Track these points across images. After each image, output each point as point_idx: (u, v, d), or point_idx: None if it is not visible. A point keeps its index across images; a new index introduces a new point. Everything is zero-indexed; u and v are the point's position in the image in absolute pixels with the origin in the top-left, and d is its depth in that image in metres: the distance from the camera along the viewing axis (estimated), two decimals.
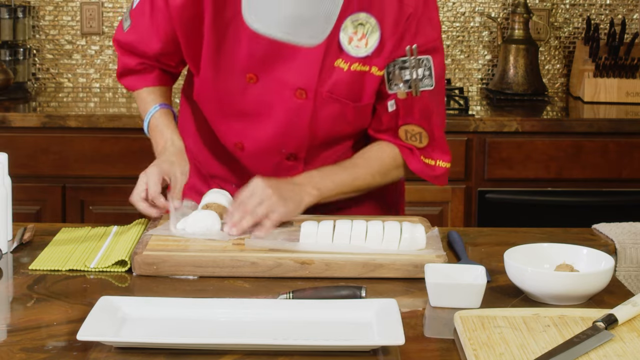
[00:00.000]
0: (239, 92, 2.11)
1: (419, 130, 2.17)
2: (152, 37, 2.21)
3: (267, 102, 2.11)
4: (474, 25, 4.14)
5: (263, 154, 2.16)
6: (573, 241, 2.01)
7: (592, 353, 1.52)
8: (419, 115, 2.16)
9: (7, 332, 1.63)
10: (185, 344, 1.54)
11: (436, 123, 2.18)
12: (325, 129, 2.14)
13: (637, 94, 3.88)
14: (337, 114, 2.12)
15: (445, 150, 2.22)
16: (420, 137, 2.17)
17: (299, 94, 2.08)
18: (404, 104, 2.14)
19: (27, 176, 3.52)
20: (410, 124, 2.16)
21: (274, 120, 2.12)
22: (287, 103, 2.10)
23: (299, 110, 2.10)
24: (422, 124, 2.16)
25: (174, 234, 1.99)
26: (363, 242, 1.92)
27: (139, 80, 2.30)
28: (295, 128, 2.12)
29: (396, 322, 1.57)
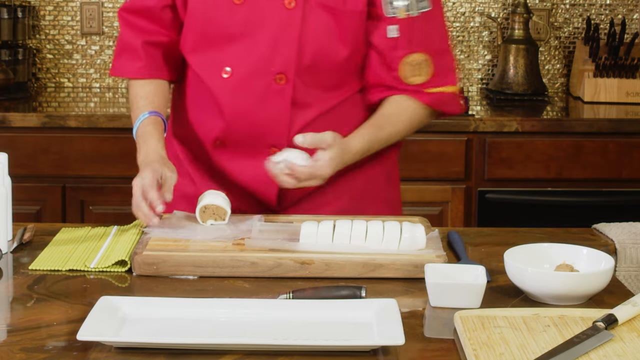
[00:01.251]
0: (226, 14, 2.13)
1: (423, 58, 2.14)
2: None
3: (256, 18, 2.12)
4: (474, 25, 4.14)
5: (252, 77, 2.14)
6: (573, 241, 2.01)
7: (592, 353, 1.52)
8: (422, 40, 2.13)
9: (7, 332, 1.63)
10: (185, 344, 1.54)
11: (440, 48, 2.16)
12: (315, 44, 2.12)
13: (637, 94, 3.88)
14: (326, 26, 2.11)
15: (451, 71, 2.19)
16: (424, 67, 2.14)
17: (288, 3, 2.09)
18: (407, 28, 2.11)
19: (27, 176, 3.52)
20: (413, 54, 2.13)
21: (263, 36, 2.12)
22: (277, 14, 2.10)
23: (288, 20, 2.10)
24: (426, 49, 2.14)
25: (174, 236, 1.99)
26: (363, 242, 1.92)
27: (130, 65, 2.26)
28: (284, 41, 2.11)
29: (396, 322, 1.57)
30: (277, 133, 2.16)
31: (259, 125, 2.16)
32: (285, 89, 2.14)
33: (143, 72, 2.26)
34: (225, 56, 2.16)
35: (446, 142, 3.56)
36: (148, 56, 2.26)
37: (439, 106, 2.21)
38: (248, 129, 2.17)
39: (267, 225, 2.04)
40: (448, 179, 3.58)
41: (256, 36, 2.13)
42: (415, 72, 2.15)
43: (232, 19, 2.13)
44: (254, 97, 2.15)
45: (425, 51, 2.15)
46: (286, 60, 2.12)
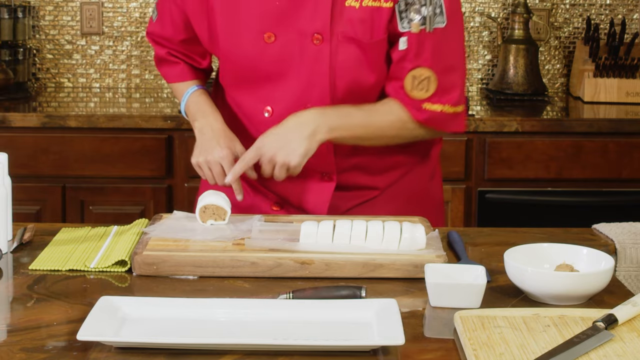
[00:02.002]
0: (259, 53, 2.14)
1: (428, 75, 2.13)
2: (169, 23, 2.29)
3: (288, 56, 2.13)
4: (474, 25, 4.14)
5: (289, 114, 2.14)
6: (573, 241, 2.01)
7: (592, 353, 1.52)
8: (430, 55, 2.13)
9: (7, 332, 1.63)
10: (185, 344, 1.54)
11: (449, 66, 2.16)
12: (345, 75, 2.13)
13: (637, 94, 3.88)
14: (355, 57, 2.12)
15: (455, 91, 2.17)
16: (427, 83, 2.14)
17: (316, 39, 2.10)
18: (416, 42, 2.11)
19: (27, 176, 3.52)
20: (420, 68, 2.13)
21: (296, 73, 2.13)
22: (306, 51, 2.11)
23: (317, 56, 2.11)
24: (432, 65, 2.13)
25: (177, 237, 1.99)
26: (363, 242, 1.93)
27: (171, 72, 2.36)
28: (316, 76, 2.12)
29: (396, 322, 1.57)
30: (325, 164, 2.20)
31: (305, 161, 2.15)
32: None
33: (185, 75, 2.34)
34: (264, 95, 2.18)
35: (446, 142, 3.56)
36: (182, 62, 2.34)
37: (434, 124, 2.19)
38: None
39: (267, 225, 2.04)
40: (448, 179, 3.58)
41: (290, 73, 2.14)
42: (419, 86, 2.15)
43: (266, 57, 2.14)
44: None
45: (432, 67, 2.14)
46: (321, 94, 2.14)
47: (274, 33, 2.12)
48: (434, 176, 2.39)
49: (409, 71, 2.14)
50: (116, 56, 4.12)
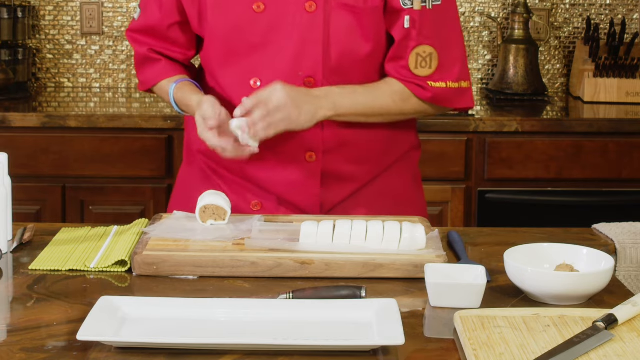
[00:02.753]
0: (249, 24, 2.13)
1: (430, 52, 2.15)
2: (157, 9, 2.24)
3: (278, 26, 2.12)
4: (474, 25, 4.14)
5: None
6: (573, 241, 2.01)
7: (592, 353, 1.52)
8: (431, 32, 2.15)
9: (7, 332, 1.63)
10: (185, 344, 1.54)
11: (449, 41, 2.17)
12: (339, 44, 2.13)
13: (637, 94, 3.88)
14: (348, 25, 2.12)
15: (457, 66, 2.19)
16: (430, 60, 2.15)
17: (309, 6, 2.10)
18: (419, 20, 2.13)
19: (27, 176, 3.52)
20: (422, 45, 2.14)
21: (287, 42, 2.12)
22: (298, 19, 2.11)
23: (310, 23, 2.11)
24: (434, 42, 2.15)
25: (176, 237, 1.99)
26: (363, 242, 1.93)
27: (153, 72, 2.29)
28: (309, 44, 2.12)
29: (396, 322, 1.57)
30: (312, 137, 2.17)
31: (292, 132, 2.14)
32: None
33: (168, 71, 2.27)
34: (252, 67, 2.16)
35: (446, 142, 3.56)
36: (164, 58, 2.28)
37: (442, 102, 2.20)
38: (282, 137, 2.14)
39: (267, 225, 2.04)
40: (448, 179, 3.58)
41: (280, 43, 2.13)
42: (422, 64, 2.16)
43: (254, 27, 2.13)
44: None
45: (433, 44, 2.16)
46: (313, 63, 2.13)
47: (264, 2, 2.11)
48: (416, 180, 2.36)
49: (412, 49, 2.15)
50: (116, 56, 4.12)
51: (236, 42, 2.15)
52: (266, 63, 2.14)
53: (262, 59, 2.15)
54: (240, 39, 2.15)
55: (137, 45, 2.29)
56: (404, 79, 2.17)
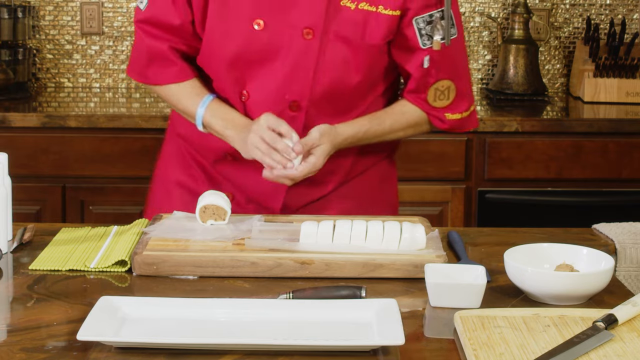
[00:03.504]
0: (246, 39, 2.13)
1: (448, 85, 2.21)
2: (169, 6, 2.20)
3: (274, 46, 2.13)
4: (474, 25, 4.14)
5: (267, 102, 2.16)
6: (573, 241, 2.01)
7: (592, 353, 1.52)
8: (449, 67, 2.20)
9: (7, 332, 1.63)
10: (185, 344, 1.54)
11: (462, 72, 2.25)
12: (330, 74, 2.15)
13: (637, 94, 3.88)
14: (342, 57, 2.14)
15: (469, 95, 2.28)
16: (448, 92, 2.22)
17: (306, 33, 2.11)
18: (438, 58, 2.18)
19: (27, 176, 3.52)
20: (441, 80, 2.21)
21: (281, 63, 2.14)
22: (294, 44, 2.12)
23: (305, 50, 2.12)
24: (451, 76, 2.22)
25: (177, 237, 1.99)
26: (363, 242, 1.93)
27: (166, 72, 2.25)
28: (300, 70, 2.13)
29: (396, 322, 1.57)
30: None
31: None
32: (297, 117, 2.18)
33: (181, 75, 2.24)
34: (243, 79, 2.18)
35: (446, 142, 3.56)
36: (181, 60, 2.25)
37: (456, 130, 2.30)
38: None
39: (267, 225, 2.04)
40: (448, 179, 3.58)
41: (274, 63, 2.15)
42: (440, 97, 2.23)
43: (251, 45, 2.14)
44: None
45: (450, 77, 2.22)
46: (301, 89, 2.15)
47: (264, 21, 2.12)
48: (386, 180, 2.38)
49: (431, 85, 2.21)
50: (116, 56, 4.12)
51: (233, 55, 2.16)
52: (257, 80, 2.16)
53: (254, 76, 2.16)
54: (237, 53, 2.15)
55: (154, 40, 2.22)
56: (424, 110, 2.24)
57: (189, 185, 2.31)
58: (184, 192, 2.31)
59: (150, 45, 2.24)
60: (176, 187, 2.34)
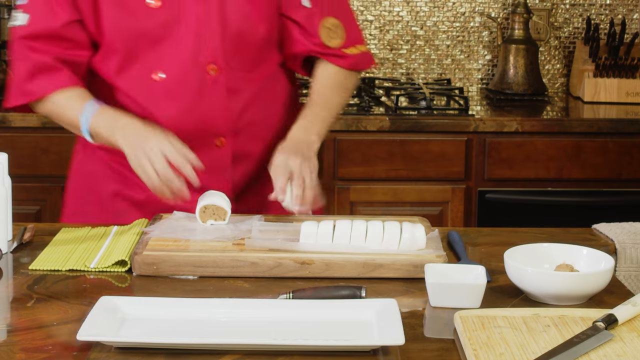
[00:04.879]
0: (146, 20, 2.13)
1: (336, 22, 2.28)
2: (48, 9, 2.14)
3: (175, 18, 2.14)
4: (474, 25, 4.14)
5: (187, 74, 2.17)
6: (573, 241, 2.01)
7: (592, 353, 1.52)
8: (331, 5, 2.29)
9: (7, 332, 1.63)
10: (185, 344, 1.54)
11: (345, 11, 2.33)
12: (235, 27, 2.18)
13: (637, 94, 3.88)
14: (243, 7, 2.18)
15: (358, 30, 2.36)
16: (338, 30, 2.29)
17: None
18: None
19: (27, 176, 3.51)
20: (328, 18, 2.28)
21: (186, 32, 2.15)
22: (194, 9, 2.15)
23: (206, 11, 2.15)
24: (336, 13, 2.29)
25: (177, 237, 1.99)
26: (363, 242, 1.93)
27: (51, 81, 2.16)
28: (207, 32, 2.16)
29: (396, 322, 1.57)
30: (220, 123, 2.21)
31: (201, 119, 2.19)
32: (219, 78, 2.19)
33: (67, 81, 2.17)
34: (153, 62, 2.17)
35: (446, 142, 3.56)
36: (66, 68, 2.18)
37: (358, 66, 2.35)
38: (191, 126, 2.19)
39: (267, 225, 2.04)
40: (448, 179, 3.58)
41: (179, 34, 2.16)
42: (333, 35, 2.28)
43: (151, 22, 2.14)
44: (191, 92, 2.18)
45: (335, 15, 2.29)
46: (213, 49, 2.17)
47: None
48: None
49: (320, 24, 2.26)
50: None
51: (136, 39, 2.15)
52: (167, 56, 2.16)
53: (163, 53, 2.16)
54: (139, 36, 2.15)
55: (38, 54, 2.15)
56: (324, 52, 2.29)
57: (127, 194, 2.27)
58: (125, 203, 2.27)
59: (35, 60, 2.16)
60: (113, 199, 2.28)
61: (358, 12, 4.08)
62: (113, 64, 2.19)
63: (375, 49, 4.11)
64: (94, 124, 2.14)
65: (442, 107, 3.73)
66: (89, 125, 2.15)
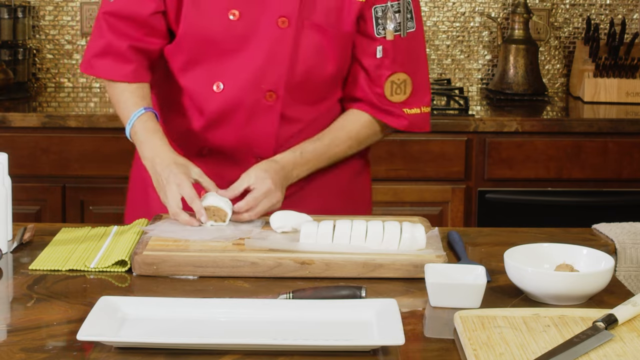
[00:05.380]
0: (222, 30, 2.13)
1: (405, 78, 2.22)
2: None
3: (249, 36, 2.13)
4: (474, 25, 4.14)
5: (243, 93, 2.16)
6: (573, 241, 2.01)
7: (592, 353, 1.52)
8: (404, 60, 2.22)
9: (7, 332, 1.63)
10: (185, 344, 1.54)
11: (419, 67, 2.25)
12: (305, 62, 2.16)
13: (637, 94, 3.88)
14: (317, 44, 2.15)
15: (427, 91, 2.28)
16: (404, 86, 2.23)
17: (282, 22, 2.12)
18: (392, 49, 2.19)
19: (27, 176, 3.52)
20: (397, 73, 2.21)
21: (255, 53, 2.14)
22: (269, 33, 2.13)
23: (280, 39, 2.13)
24: (407, 69, 2.22)
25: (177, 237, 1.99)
26: (363, 242, 1.93)
27: (117, 68, 2.19)
28: (276, 59, 2.14)
29: (396, 322, 1.57)
30: (264, 145, 2.20)
31: (247, 138, 2.19)
32: (274, 106, 2.18)
33: (132, 76, 2.20)
34: (217, 71, 2.17)
35: (446, 142, 3.56)
36: (136, 60, 2.20)
37: (414, 128, 2.27)
38: (236, 141, 2.20)
39: (268, 225, 2.04)
40: (448, 179, 3.58)
41: (249, 52, 2.15)
42: (398, 90, 2.23)
43: (227, 34, 2.14)
44: (244, 111, 2.18)
45: (406, 71, 2.23)
46: (277, 78, 2.16)
47: (239, 11, 2.12)
48: (363, 172, 2.39)
49: (387, 78, 2.21)
50: None
51: (207, 45, 2.15)
52: (232, 70, 2.16)
53: (228, 66, 2.16)
54: (211, 43, 2.15)
55: (116, 35, 2.18)
56: (383, 107, 2.23)
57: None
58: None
59: (110, 40, 2.19)
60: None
61: None
62: (180, 60, 2.20)
63: None
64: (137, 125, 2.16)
65: (442, 107, 3.73)
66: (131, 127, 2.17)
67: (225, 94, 2.17)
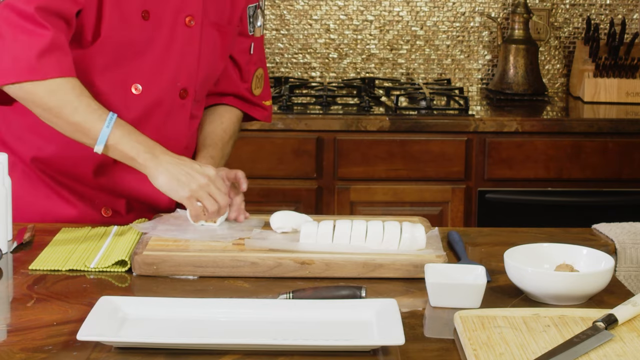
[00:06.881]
0: (136, 30, 2.12)
1: (262, 73, 2.39)
2: None
3: (160, 36, 2.14)
4: (474, 25, 4.14)
5: (162, 92, 2.17)
6: (573, 241, 2.01)
7: (592, 353, 1.52)
8: (262, 56, 2.38)
9: (7, 332, 1.63)
10: (185, 344, 1.54)
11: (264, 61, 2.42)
12: (206, 59, 2.22)
13: (637, 94, 3.88)
14: (214, 42, 2.21)
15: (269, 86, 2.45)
16: (261, 80, 2.37)
17: (189, 21, 2.15)
18: (258, 46, 2.34)
19: None
20: (259, 68, 2.37)
21: (169, 53, 2.16)
22: (179, 32, 2.15)
23: (190, 38, 2.17)
24: (263, 65, 2.40)
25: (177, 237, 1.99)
26: (363, 242, 1.93)
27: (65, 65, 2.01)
28: (187, 58, 2.18)
29: (396, 322, 1.57)
30: (177, 145, 2.19)
31: (164, 138, 2.14)
32: (186, 104, 2.22)
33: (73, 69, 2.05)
34: (134, 73, 2.15)
35: (446, 142, 3.56)
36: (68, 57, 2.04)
37: (269, 119, 2.46)
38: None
39: (268, 225, 2.04)
40: (448, 179, 3.58)
41: (162, 52, 2.16)
42: (258, 84, 2.36)
43: (140, 35, 2.13)
44: (163, 112, 2.19)
45: (262, 66, 2.39)
46: (189, 76, 2.20)
47: (150, 10, 2.12)
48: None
49: (253, 73, 2.35)
50: None
51: (124, 47, 2.13)
52: (149, 71, 2.15)
53: (144, 67, 2.15)
54: (128, 45, 2.13)
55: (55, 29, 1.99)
56: (250, 99, 2.36)
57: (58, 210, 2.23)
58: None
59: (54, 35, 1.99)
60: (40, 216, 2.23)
61: (358, 12, 4.09)
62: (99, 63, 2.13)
63: (375, 49, 4.11)
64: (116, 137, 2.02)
65: (442, 107, 3.73)
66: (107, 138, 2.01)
67: (145, 96, 2.16)
